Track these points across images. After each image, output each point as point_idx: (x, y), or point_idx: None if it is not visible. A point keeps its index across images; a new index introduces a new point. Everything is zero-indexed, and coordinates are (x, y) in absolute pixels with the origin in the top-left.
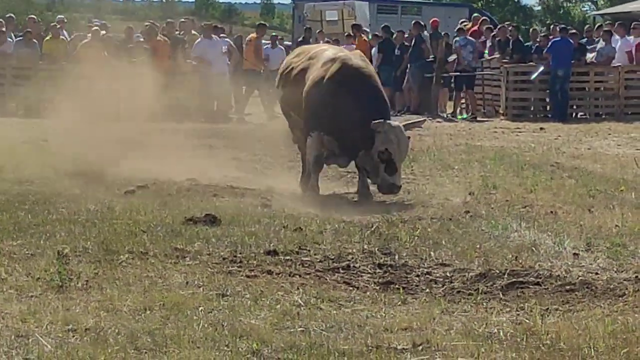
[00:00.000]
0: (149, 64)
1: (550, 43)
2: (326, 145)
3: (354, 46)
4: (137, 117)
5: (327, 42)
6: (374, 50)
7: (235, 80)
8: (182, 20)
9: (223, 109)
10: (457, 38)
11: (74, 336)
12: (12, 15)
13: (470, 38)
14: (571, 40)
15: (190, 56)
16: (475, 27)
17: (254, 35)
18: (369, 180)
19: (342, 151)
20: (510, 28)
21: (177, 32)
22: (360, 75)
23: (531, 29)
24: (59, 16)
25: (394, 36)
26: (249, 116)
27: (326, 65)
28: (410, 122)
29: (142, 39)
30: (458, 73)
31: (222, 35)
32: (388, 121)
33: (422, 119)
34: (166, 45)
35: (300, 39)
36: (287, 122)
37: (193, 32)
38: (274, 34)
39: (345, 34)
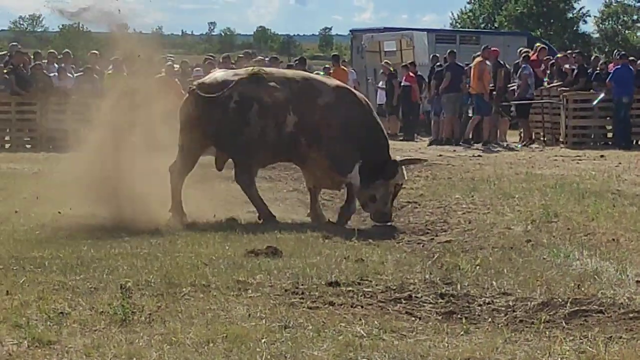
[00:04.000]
0: None
1: (613, 70)
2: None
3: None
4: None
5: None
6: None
7: None
8: (240, 54)
9: None
10: (525, 65)
11: None
12: (69, 51)
13: (525, 65)
14: (631, 67)
15: None
16: (534, 56)
17: None
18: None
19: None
20: (574, 55)
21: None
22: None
23: (592, 57)
24: (119, 51)
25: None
26: None
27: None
28: (409, 158)
29: (201, 74)
30: (520, 101)
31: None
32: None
33: (422, 159)
34: None
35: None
36: None
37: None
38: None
39: (403, 64)
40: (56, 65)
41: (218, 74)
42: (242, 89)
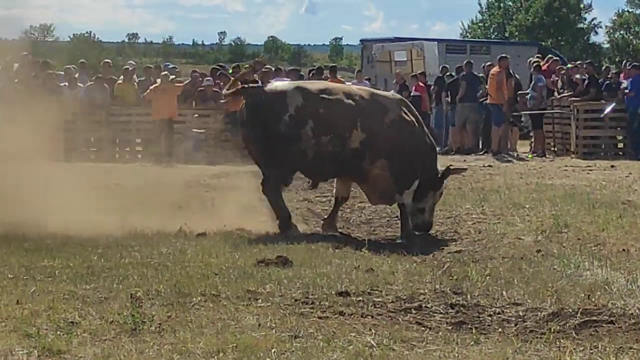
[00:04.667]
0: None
1: (631, 81)
2: None
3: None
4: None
5: None
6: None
7: None
8: (245, 65)
9: None
10: (540, 76)
11: None
12: (84, 61)
13: (540, 76)
14: None
15: None
16: (546, 66)
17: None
18: None
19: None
20: (585, 65)
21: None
22: None
23: (603, 67)
24: (130, 61)
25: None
26: None
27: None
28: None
29: (212, 83)
30: (530, 112)
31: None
32: None
33: (464, 168)
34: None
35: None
36: None
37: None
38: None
39: (412, 74)
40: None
41: (279, 83)
42: (300, 102)
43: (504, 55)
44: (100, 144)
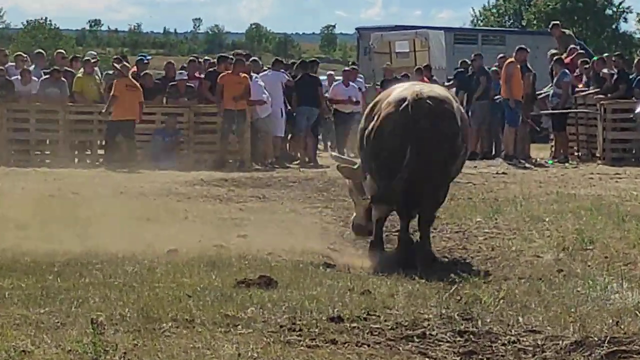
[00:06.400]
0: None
1: None
2: None
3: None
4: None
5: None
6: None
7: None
8: (223, 56)
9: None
10: (564, 70)
11: None
12: (42, 51)
13: (564, 70)
14: None
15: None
16: (569, 59)
17: None
18: None
19: None
20: (613, 58)
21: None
22: None
23: (635, 60)
24: (91, 52)
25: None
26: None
27: None
28: None
29: (185, 77)
30: (551, 111)
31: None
32: None
33: None
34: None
35: None
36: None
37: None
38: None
39: (415, 68)
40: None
41: (439, 88)
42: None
43: (522, 46)
44: (57, 147)
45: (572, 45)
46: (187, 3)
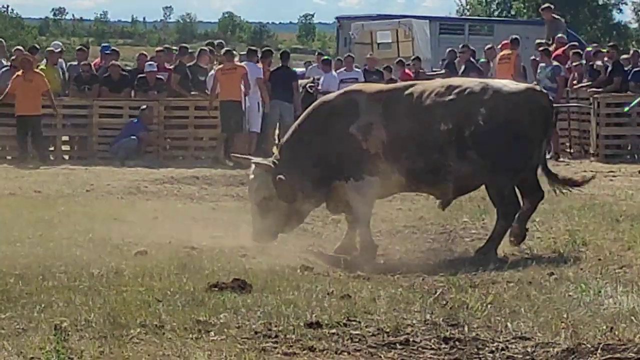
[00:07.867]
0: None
1: None
2: None
3: None
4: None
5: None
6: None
7: None
8: (203, 48)
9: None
10: (543, 64)
11: None
12: (1, 40)
13: (557, 64)
14: None
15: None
16: (560, 51)
17: None
18: None
19: None
20: (607, 49)
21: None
22: None
23: (630, 51)
24: (56, 42)
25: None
26: None
27: None
28: None
29: (155, 69)
30: None
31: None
32: None
33: None
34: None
35: None
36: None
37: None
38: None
39: (397, 60)
40: None
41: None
42: None
43: (515, 37)
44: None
45: (559, 34)
46: None
